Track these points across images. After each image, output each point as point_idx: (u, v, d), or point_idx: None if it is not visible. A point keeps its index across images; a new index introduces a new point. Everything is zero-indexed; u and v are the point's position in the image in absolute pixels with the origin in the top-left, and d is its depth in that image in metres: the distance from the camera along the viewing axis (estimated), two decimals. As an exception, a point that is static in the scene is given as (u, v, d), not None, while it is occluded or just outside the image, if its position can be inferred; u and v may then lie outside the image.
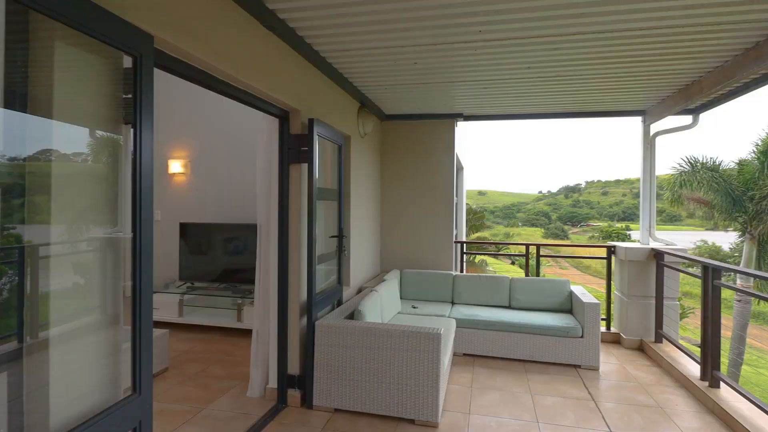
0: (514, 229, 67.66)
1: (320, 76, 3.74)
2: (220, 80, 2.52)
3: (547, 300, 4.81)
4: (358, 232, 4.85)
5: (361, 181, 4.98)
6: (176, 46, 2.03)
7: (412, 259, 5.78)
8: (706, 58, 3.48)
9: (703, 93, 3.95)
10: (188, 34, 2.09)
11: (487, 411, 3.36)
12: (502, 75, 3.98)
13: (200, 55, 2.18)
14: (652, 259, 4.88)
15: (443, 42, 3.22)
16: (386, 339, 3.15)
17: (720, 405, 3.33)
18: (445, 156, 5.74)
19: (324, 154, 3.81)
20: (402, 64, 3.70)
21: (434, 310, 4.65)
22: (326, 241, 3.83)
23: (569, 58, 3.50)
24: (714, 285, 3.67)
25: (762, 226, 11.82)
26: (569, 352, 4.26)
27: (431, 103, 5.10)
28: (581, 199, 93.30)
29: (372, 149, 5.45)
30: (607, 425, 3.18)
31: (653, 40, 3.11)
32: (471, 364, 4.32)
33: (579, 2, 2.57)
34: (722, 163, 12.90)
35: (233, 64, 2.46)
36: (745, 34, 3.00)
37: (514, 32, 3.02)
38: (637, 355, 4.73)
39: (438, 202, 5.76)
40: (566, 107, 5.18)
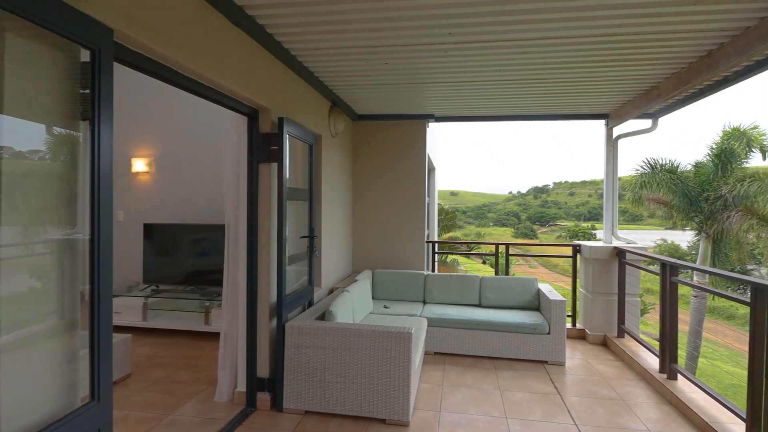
0: (485, 229, 68.85)
1: (291, 75, 3.70)
2: (186, 77, 2.45)
3: (516, 298, 4.92)
4: (330, 233, 4.82)
5: (333, 181, 4.95)
6: (137, 40, 1.96)
7: (384, 259, 5.79)
8: (664, 65, 3.63)
9: (661, 98, 4.13)
10: (150, 28, 2.03)
11: (458, 408, 3.41)
12: (472, 77, 4.04)
13: (163, 51, 2.11)
14: (614, 258, 5.07)
15: (414, 43, 3.24)
16: (357, 339, 3.14)
17: (677, 396, 3.49)
18: (417, 156, 5.78)
19: (294, 153, 3.76)
20: (373, 64, 3.70)
21: (406, 309, 4.67)
22: (297, 242, 3.79)
23: (536, 61, 3.58)
24: (671, 282, 3.84)
25: (716, 226, 12.48)
26: (537, 348, 4.37)
27: (403, 103, 5.13)
28: (549, 200, 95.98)
29: (344, 149, 5.43)
30: (572, 418, 3.28)
31: (615, 46, 3.23)
32: (442, 362, 4.36)
33: (545, 8, 2.64)
34: (680, 165, 13.53)
35: (199, 60, 2.40)
36: (699, 42, 3.15)
37: (483, 35, 3.07)
38: (601, 349, 4.90)
39: (410, 202, 5.79)
40: (534, 110, 5.31)
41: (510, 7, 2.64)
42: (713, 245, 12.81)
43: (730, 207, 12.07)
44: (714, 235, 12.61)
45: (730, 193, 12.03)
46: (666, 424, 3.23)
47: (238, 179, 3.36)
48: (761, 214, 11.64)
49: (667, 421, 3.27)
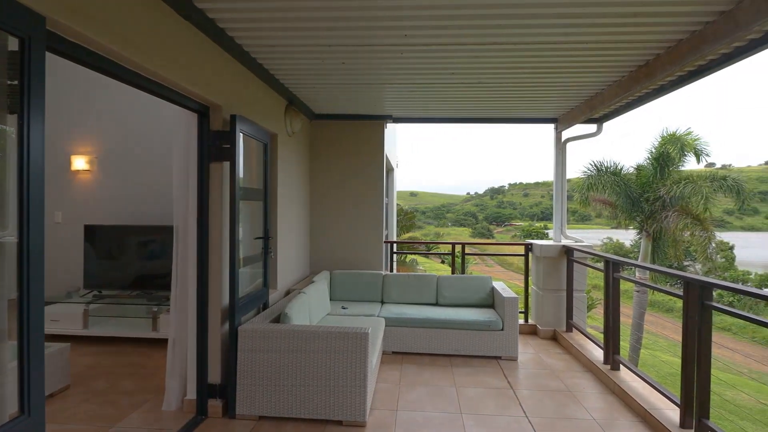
0: (444, 229, 70.07)
1: (244, 72, 3.60)
2: (128, 70, 2.32)
3: (472, 296, 5.03)
4: (286, 233, 4.73)
5: (290, 180, 4.87)
6: (73, 29, 1.83)
7: (342, 259, 5.76)
8: (607, 73, 3.84)
9: (604, 104, 4.37)
10: (88, 17, 1.90)
11: (415, 406, 3.44)
12: (428, 79, 4.10)
13: (103, 41, 1.99)
14: (563, 256, 5.30)
15: (370, 44, 3.25)
16: (313, 341, 3.10)
17: (620, 385, 3.69)
18: (375, 157, 5.80)
19: (249, 152, 3.66)
20: (329, 63, 3.67)
21: (364, 310, 4.67)
22: (251, 243, 3.69)
23: (489, 66, 3.69)
24: (614, 278, 4.07)
25: (656, 225, 13.34)
26: (491, 344, 4.49)
27: (360, 104, 5.12)
28: (505, 200, 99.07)
29: (301, 148, 5.35)
30: (523, 411, 3.39)
31: (561, 53, 3.38)
32: (400, 361, 4.39)
33: (496, 14, 2.72)
34: (623, 168, 14.36)
35: (143, 53, 2.28)
36: (638, 52, 3.35)
37: (437, 38, 3.12)
38: (551, 344, 5.11)
39: (368, 202, 5.79)
40: (488, 113, 5.46)
41: (463, 11, 2.70)
42: (653, 243, 13.69)
43: (668, 207, 12.94)
44: (654, 233, 13.48)
45: (668, 194, 12.90)
46: (609, 412, 3.41)
47: (188, 178, 3.23)
48: (695, 214, 12.58)
49: (610, 410, 3.45)
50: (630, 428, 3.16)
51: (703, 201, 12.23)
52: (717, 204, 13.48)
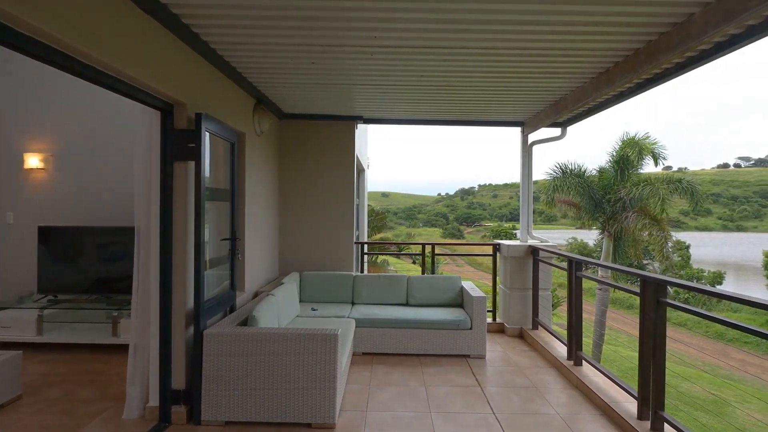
0: (415, 230, 70.59)
1: (211, 69, 3.51)
2: (84, 64, 2.22)
3: (441, 296, 5.10)
4: (255, 235, 4.65)
5: (258, 180, 4.78)
6: (21, 19, 1.74)
7: (312, 261, 5.71)
8: (570, 79, 3.97)
9: (568, 108, 4.52)
10: (39, 8, 1.81)
11: (384, 407, 3.45)
12: (399, 81, 4.12)
13: (57, 34, 1.90)
14: (529, 255, 5.45)
15: (341, 44, 3.24)
16: (281, 344, 3.06)
17: (582, 380, 3.82)
18: (346, 157, 5.78)
19: (215, 151, 3.58)
20: (299, 62, 3.64)
21: (334, 311, 4.65)
22: (218, 245, 3.61)
23: (458, 69, 3.74)
24: (577, 276, 4.21)
25: (616, 225, 13.90)
26: (460, 343, 4.55)
27: (331, 104, 5.10)
28: (475, 201, 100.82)
29: (270, 148, 5.27)
30: (490, 408, 3.46)
31: (527, 59, 3.48)
32: (370, 362, 4.39)
33: (463, 19, 2.77)
34: (587, 171, 14.90)
35: (102, 47, 2.19)
36: (599, 60, 3.49)
37: (407, 41, 3.14)
38: (518, 341, 5.24)
39: (339, 203, 5.77)
40: (457, 115, 5.55)
41: (432, 15, 2.73)
42: (614, 243, 14.26)
43: (628, 208, 13.52)
44: (615, 233, 14.05)
45: (628, 195, 13.47)
46: (572, 406, 3.53)
47: (151, 178, 3.13)
48: (652, 214, 13.18)
49: (573, 404, 3.57)
50: (591, 422, 3.28)
51: (660, 202, 12.84)
52: (673, 205, 14.18)
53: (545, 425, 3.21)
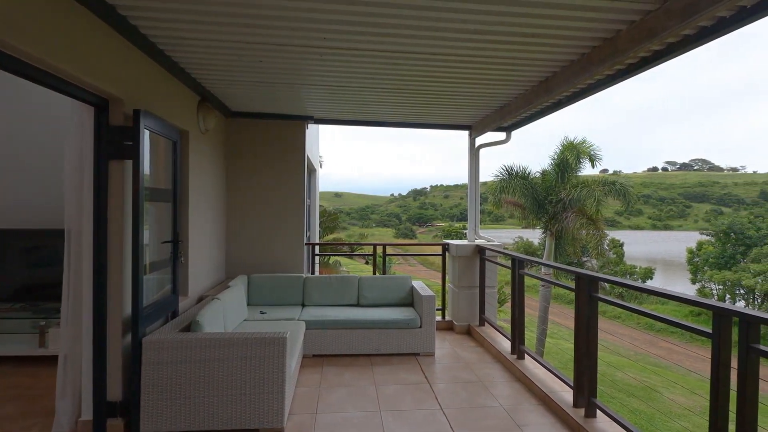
0: (368, 230, 70.74)
1: (151, 64, 3.35)
2: (10, 56, 2.05)
3: (392, 296, 5.16)
4: (199, 236, 4.48)
5: (203, 180, 4.61)
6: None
7: (261, 263, 5.58)
8: (513, 86, 4.16)
9: (512, 114, 4.73)
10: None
11: (335, 408, 3.44)
12: (349, 83, 4.13)
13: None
14: (476, 255, 5.64)
15: (290, 44, 3.20)
16: (227, 349, 2.97)
17: (524, 373, 4.01)
18: (296, 157, 5.70)
19: (156, 149, 3.42)
20: (246, 60, 3.55)
21: (284, 314, 4.58)
22: (159, 247, 3.45)
23: (408, 73, 3.81)
24: (519, 274, 4.41)
25: (558, 225, 14.70)
26: (410, 342, 4.63)
27: (280, 103, 5.01)
28: (427, 202, 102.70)
29: (216, 147, 5.10)
30: (438, 403, 3.55)
31: (473, 66, 3.61)
32: (320, 364, 4.36)
33: (409, 25, 2.83)
34: (531, 173, 15.63)
35: (27, 37, 2.04)
36: (538, 69, 3.68)
37: (357, 43, 3.16)
38: (466, 338, 5.41)
39: (289, 204, 5.68)
40: (408, 118, 5.64)
41: (381, 20, 2.77)
42: (556, 241, 15.06)
43: (568, 209, 14.32)
44: (556, 232, 14.84)
45: (567, 197, 14.28)
46: (515, 398, 3.70)
47: (83, 177, 2.93)
48: (589, 214, 14.05)
49: (516, 396, 3.74)
50: (532, 411, 3.46)
51: (596, 203, 13.73)
52: (608, 206, 15.20)
53: (489, 417, 3.35)
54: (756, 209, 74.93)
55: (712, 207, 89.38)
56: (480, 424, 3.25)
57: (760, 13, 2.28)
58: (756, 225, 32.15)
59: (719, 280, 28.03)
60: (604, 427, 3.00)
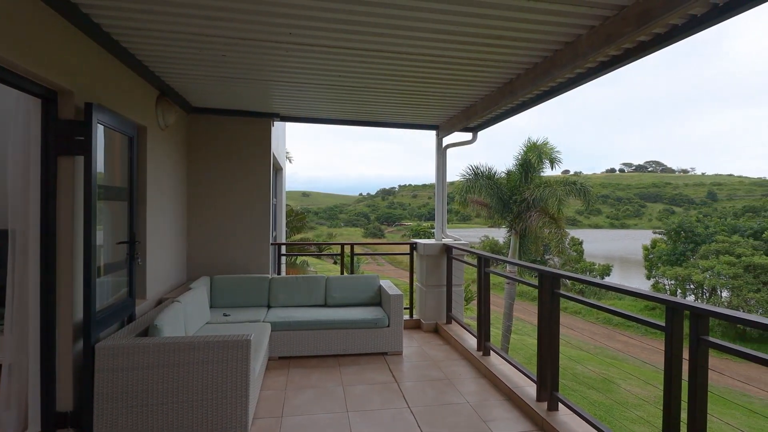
0: (336, 230, 70.37)
1: (105, 55, 3.18)
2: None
3: (360, 295, 5.13)
4: (159, 237, 4.30)
5: (162, 178, 4.43)
6: None
7: (224, 264, 5.42)
8: (479, 87, 4.22)
9: (478, 114, 4.79)
10: None
11: (301, 411, 3.39)
12: (316, 80, 4.07)
13: None
14: (443, 253, 5.70)
15: (254, 38, 3.12)
16: (187, 353, 2.86)
17: (490, 369, 4.08)
18: (261, 155, 5.57)
19: (111, 145, 3.25)
20: (208, 54, 3.44)
21: (248, 316, 4.46)
22: (114, 249, 3.28)
23: (375, 71, 3.79)
24: (485, 272, 4.49)
25: (522, 224, 15.09)
26: (378, 341, 4.62)
27: (245, 99, 4.88)
28: (396, 201, 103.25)
29: (177, 144, 4.91)
30: (406, 402, 3.56)
31: (440, 66, 3.63)
32: (286, 366, 4.28)
33: (376, 23, 2.82)
34: (496, 173, 15.98)
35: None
36: (503, 71, 3.75)
37: (323, 39, 3.12)
38: (433, 336, 5.45)
39: (254, 203, 5.54)
40: (376, 117, 5.62)
41: (347, 17, 2.74)
42: (520, 240, 15.46)
43: (531, 208, 14.73)
44: (520, 231, 15.24)
45: (531, 196, 14.68)
46: (481, 394, 3.75)
47: (29, 174, 2.75)
48: (551, 214, 14.50)
49: (481, 392, 3.80)
50: (498, 407, 3.52)
51: (558, 203, 14.18)
52: (569, 205, 15.74)
53: (456, 414, 3.38)
54: (704, 209, 79.79)
55: (665, 207, 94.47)
56: (447, 421, 3.28)
57: (709, 21, 2.40)
58: (704, 223, 34.14)
59: (671, 276, 29.60)
60: (565, 420, 3.09)
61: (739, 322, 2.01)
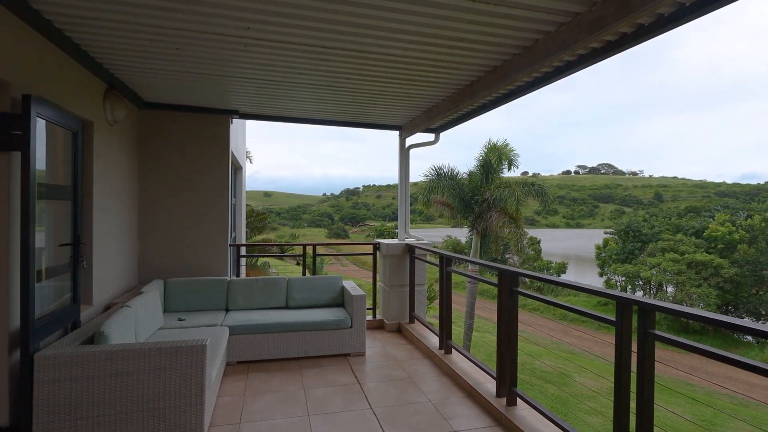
0: (300, 230, 69.45)
1: (47, 45, 2.97)
2: None
3: (322, 296, 5.06)
4: (106, 238, 4.06)
5: (112, 176, 4.20)
6: None
7: (180, 266, 5.19)
8: (441, 88, 4.26)
9: (440, 116, 4.85)
10: None
11: (261, 416, 3.29)
12: (277, 77, 3.98)
13: None
14: (406, 253, 5.72)
15: (210, 32, 3.00)
16: (138, 361, 2.71)
17: (451, 367, 4.12)
18: (219, 154, 5.39)
19: (54, 141, 3.04)
20: (161, 47, 3.28)
21: (205, 320, 4.30)
22: (56, 251, 3.07)
23: (337, 70, 3.75)
24: (447, 271, 4.54)
25: (483, 224, 15.43)
26: (340, 342, 4.57)
27: (201, 95, 4.70)
28: (360, 202, 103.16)
29: (128, 140, 4.66)
30: (368, 403, 3.54)
31: (403, 66, 3.64)
32: (246, 371, 4.16)
33: (337, 20, 2.78)
34: (459, 174, 16.26)
35: None
36: (464, 73, 3.80)
37: (282, 36, 3.05)
38: (396, 336, 5.46)
39: (211, 203, 5.34)
40: (338, 116, 5.57)
41: (308, 13, 2.69)
42: (481, 239, 15.81)
43: (492, 208, 15.10)
44: (482, 231, 15.58)
45: (491, 197, 15.05)
46: (442, 392, 3.79)
47: (-44, 170, 2.52)
48: (511, 214, 14.92)
49: (443, 390, 3.83)
50: (459, 404, 3.56)
51: (517, 203, 14.61)
52: (527, 205, 16.26)
53: (418, 413, 3.39)
54: (651, 209, 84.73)
55: (616, 207, 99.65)
56: (409, 420, 3.28)
57: (656, 30, 2.53)
58: (650, 223, 36.20)
59: (622, 273, 31.22)
60: (523, 414, 3.17)
61: (683, 315, 2.12)
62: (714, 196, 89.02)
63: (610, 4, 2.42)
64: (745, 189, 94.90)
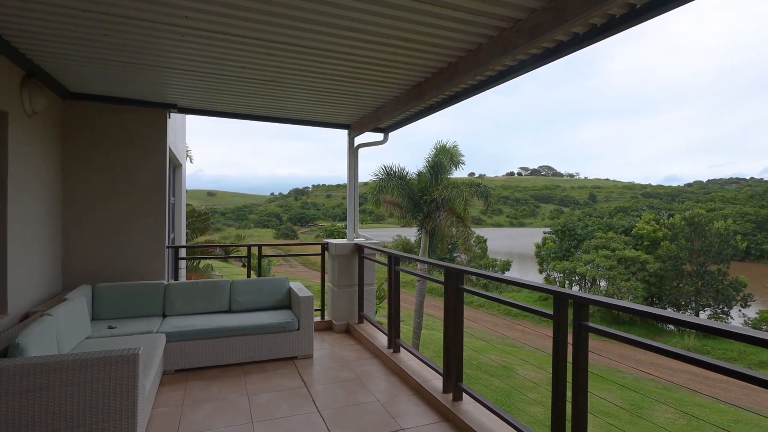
0: (246, 231, 67.29)
1: (-55, 22, 2.64)
2: None
3: (268, 299, 4.91)
4: (24, 240, 3.69)
5: (30, 172, 3.81)
6: None
7: (111, 270, 4.81)
8: (388, 88, 4.27)
9: (388, 115, 4.86)
10: None
11: (200, 426, 3.13)
12: (217, 70, 3.80)
13: None
14: (355, 253, 5.69)
15: (142, 18, 2.81)
16: (59, 374, 2.48)
17: (400, 366, 4.14)
18: (155, 150, 5.06)
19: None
20: (86, 32, 3.02)
21: (139, 327, 4.02)
22: (-40, 255, 2.73)
23: (282, 65, 3.64)
24: (395, 270, 4.56)
25: (431, 223, 15.72)
26: (287, 345, 4.46)
27: (135, 87, 4.39)
28: (309, 201, 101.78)
29: (49, 133, 4.26)
30: (315, 407, 3.47)
31: (349, 64, 3.60)
32: (184, 380, 3.94)
33: (280, 13, 2.70)
34: (408, 174, 16.46)
35: None
36: (411, 74, 3.82)
37: (222, 27, 2.91)
38: (345, 336, 5.41)
39: (146, 202, 5.00)
40: (284, 113, 5.42)
41: (251, 4, 2.59)
42: (430, 239, 16.10)
43: (440, 208, 15.42)
44: (430, 230, 15.87)
45: (440, 197, 15.37)
46: (391, 391, 3.79)
47: None
48: (458, 213, 15.32)
49: (392, 389, 3.84)
50: (407, 402, 3.58)
51: (464, 203, 15.03)
52: (474, 205, 16.77)
53: (366, 413, 3.37)
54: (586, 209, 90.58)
55: (555, 207, 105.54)
56: (357, 421, 3.25)
57: (589, 40, 2.68)
58: (584, 222, 38.61)
59: (560, 269, 33.09)
60: (469, 408, 3.24)
61: (614, 308, 2.26)
62: (641, 197, 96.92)
63: (547, 13, 2.53)
64: (667, 190, 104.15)
